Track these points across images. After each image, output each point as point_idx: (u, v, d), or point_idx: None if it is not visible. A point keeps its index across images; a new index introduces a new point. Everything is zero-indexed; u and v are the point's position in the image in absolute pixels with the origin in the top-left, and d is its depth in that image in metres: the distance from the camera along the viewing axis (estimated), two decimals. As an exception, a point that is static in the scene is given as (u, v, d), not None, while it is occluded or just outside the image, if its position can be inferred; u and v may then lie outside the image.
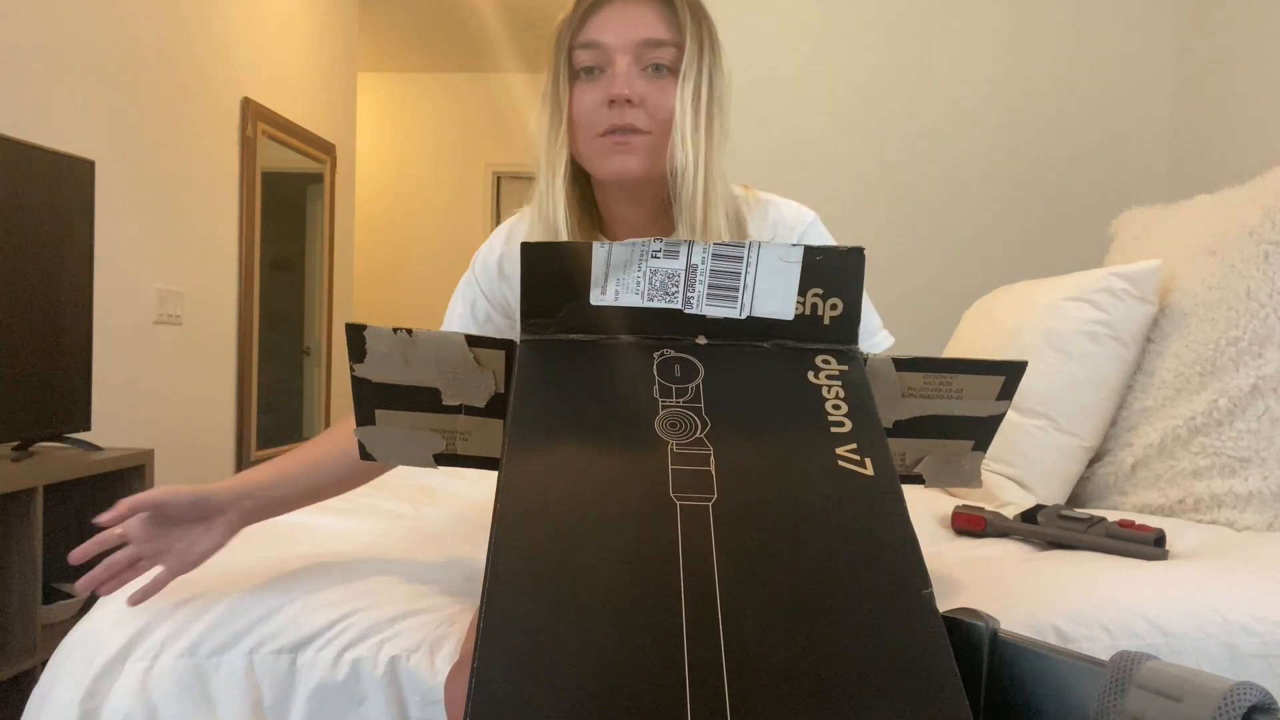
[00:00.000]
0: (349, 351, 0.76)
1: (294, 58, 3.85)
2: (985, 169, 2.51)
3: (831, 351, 0.73)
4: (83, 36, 2.53)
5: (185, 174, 3.05)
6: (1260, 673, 0.87)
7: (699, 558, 0.56)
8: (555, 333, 0.73)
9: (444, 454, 0.84)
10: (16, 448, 2.14)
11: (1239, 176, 1.54)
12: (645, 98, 0.97)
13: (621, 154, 0.98)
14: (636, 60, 0.98)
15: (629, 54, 0.98)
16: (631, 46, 0.98)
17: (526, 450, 0.62)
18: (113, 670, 0.82)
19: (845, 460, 0.63)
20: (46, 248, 2.13)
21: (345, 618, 0.83)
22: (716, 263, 0.73)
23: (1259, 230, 1.32)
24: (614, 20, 0.99)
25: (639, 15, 0.99)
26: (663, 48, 0.98)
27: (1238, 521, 1.23)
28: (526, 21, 4.95)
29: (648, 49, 0.98)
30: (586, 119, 0.99)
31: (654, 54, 0.98)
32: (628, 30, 0.98)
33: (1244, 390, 1.26)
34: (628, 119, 0.96)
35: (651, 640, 0.52)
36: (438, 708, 0.80)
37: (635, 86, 0.97)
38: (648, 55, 0.98)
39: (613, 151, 0.98)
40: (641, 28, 0.98)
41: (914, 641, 0.52)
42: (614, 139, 0.97)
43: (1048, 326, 1.47)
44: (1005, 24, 2.49)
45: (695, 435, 0.64)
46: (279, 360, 3.87)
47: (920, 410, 0.82)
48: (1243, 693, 0.47)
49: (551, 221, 1.00)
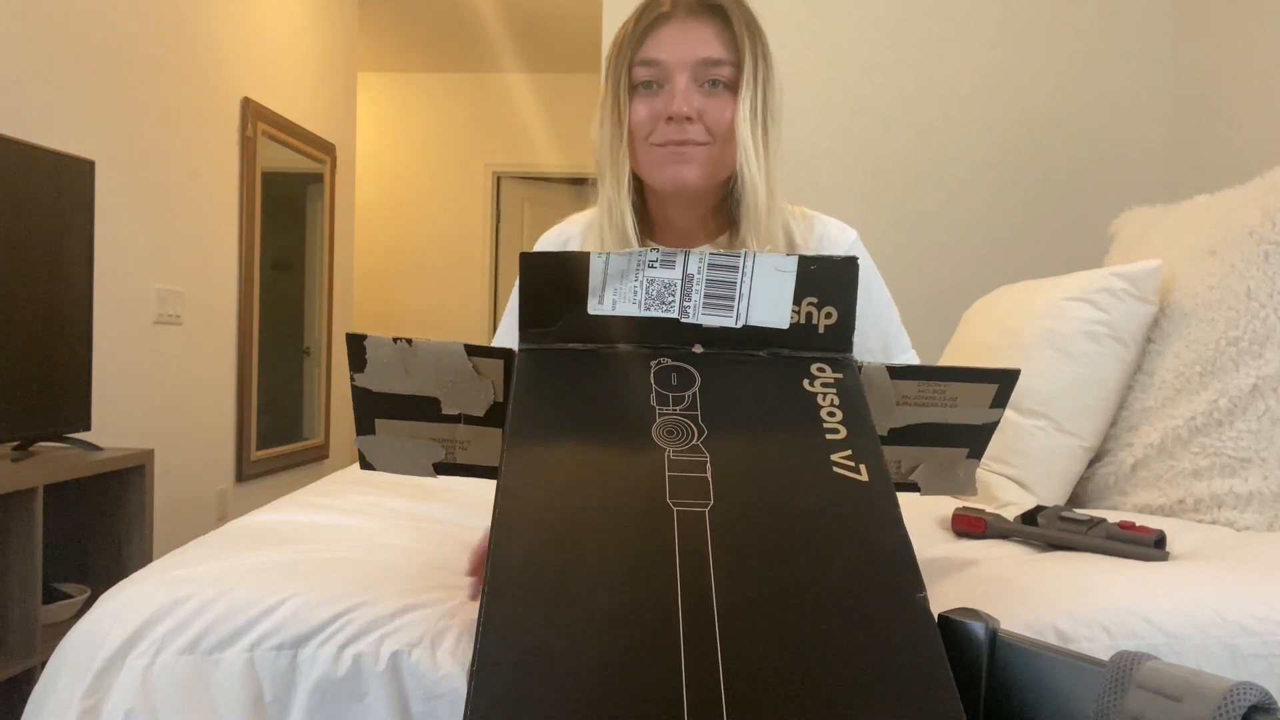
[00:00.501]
0: (349, 361, 0.77)
1: (294, 58, 3.85)
2: (985, 169, 2.51)
3: (826, 360, 0.73)
4: (83, 37, 2.53)
5: (185, 174, 3.06)
6: (1260, 673, 0.87)
7: (696, 563, 0.56)
8: (553, 342, 0.73)
9: (443, 463, 0.84)
10: (16, 448, 2.14)
11: (1239, 176, 1.54)
12: (703, 113, 1.02)
13: (677, 164, 1.03)
14: (695, 78, 1.03)
15: (687, 71, 1.02)
16: (690, 65, 1.02)
17: (525, 458, 0.63)
18: (113, 667, 0.82)
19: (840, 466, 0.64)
20: (46, 248, 2.13)
21: (346, 613, 0.84)
22: (712, 272, 0.74)
23: (1259, 230, 1.32)
24: (673, 38, 1.03)
25: (698, 34, 1.03)
26: (720, 66, 1.03)
27: (1238, 522, 1.24)
28: (526, 21, 4.94)
29: (705, 67, 1.03)
30: (643, 130, 1.04)
31: (711, 72, 1.03)
32: (687, 49, 1.02)
33: (1244, 390, 1.26)
34: (686, 134, 1.02)
35: (649, 644, 0.52)
36: (439, 702, 0.80)
37: (693, 103, 1.02)
38: (705, 73, 1.03)
39: (669, 160, 1.03)
40: (700, 46, 1.03)
41: (909, 645, 0.53)
42: (672, 149, 1.02)
43: (1048, 326, 1.47)
44: (1004, 23, 2.50)
45: (692, 442, 0.65)
46: (279, 360, 3.87)
47: (915, 418, 0.83)
48: (1243, 693, 0.47)
49: (622, 231, 1.06)
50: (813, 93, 2.55)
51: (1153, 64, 2.45)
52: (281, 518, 1.16)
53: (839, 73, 2.55)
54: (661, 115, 1.02)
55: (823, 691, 0.50)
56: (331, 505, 1.23)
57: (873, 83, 2.54)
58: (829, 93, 2.55)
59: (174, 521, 2.94)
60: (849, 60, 2.55)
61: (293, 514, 1.18)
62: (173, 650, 0.82)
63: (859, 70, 2.54)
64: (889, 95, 2.54)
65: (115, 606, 0.86)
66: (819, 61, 2.55)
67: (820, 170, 2.55)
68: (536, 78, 5.82)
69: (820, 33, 2.55)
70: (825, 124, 2.55)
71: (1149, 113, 2.46)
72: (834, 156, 2.55)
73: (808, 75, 2.55)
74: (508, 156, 5.91)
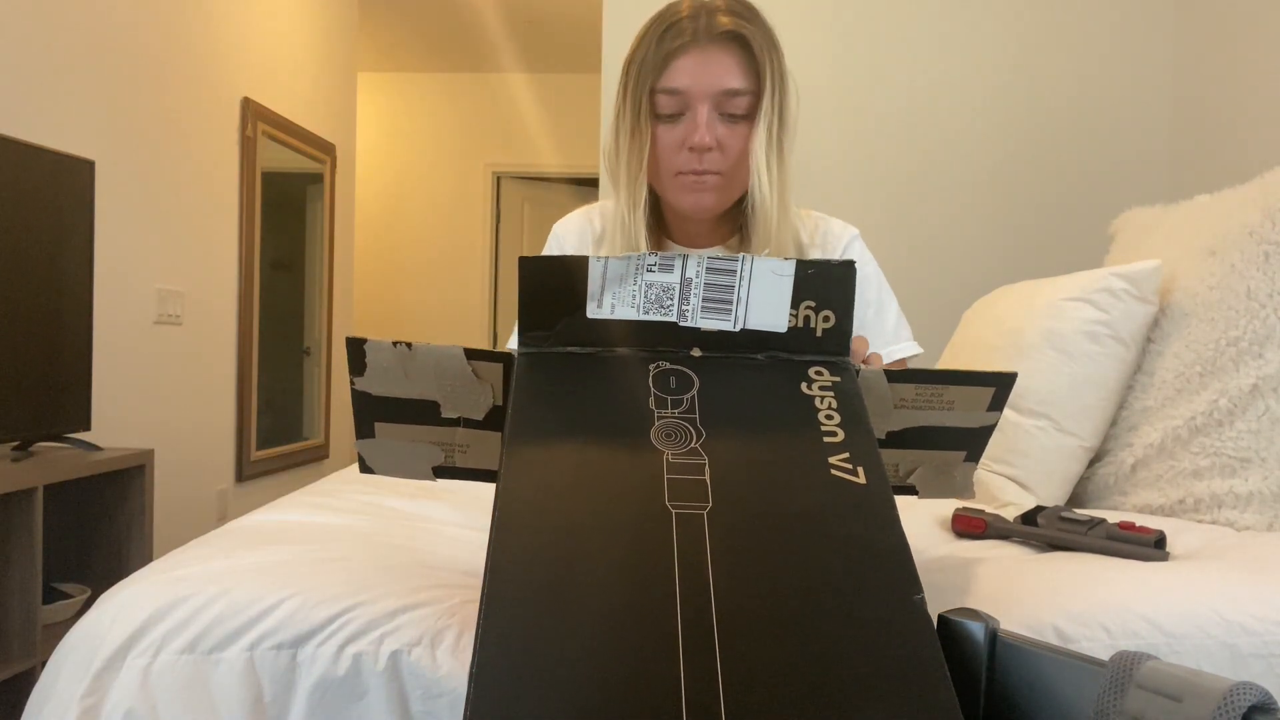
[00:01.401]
0: (349, 365, 0.77)
1: (294, 58, 3.85)
2: (985, 169, 2.51)
3: (824, 363, 0.74)
4: (83, 37, 2.53)
5: (185, 174, 3.06)
6: (1260, 673, 0.87)
7: (694, 565, 0.57)
8: (552, 345, 0.74)
9: (443, 466, 0.85)
10: (16, 448, 2.14)
11: (1239, 176, 1.54)
12: (722, 142, 1.05)
13: (697, 192, 1.08)
14: (716, 108, 1.05)
15: (709, 102, 1.04)
16: (711, 95, 1.04)
17: (524, 461, 0.63)
18: (113, 667, 0.82)
19: (838, 469, 0.64)
20: (46, 248, 2.13)
21: (345, 612, 0.84)
22: (711, 276, 0.74)
23: (1259, 230, 1.32)
24: (696, 67, 1.04)
25: (720, 62, 1.04)
26: (741, 96, 1.05)
27: (1238, 522, 1.24)
28: (526, 21, 4.95)
29: (727, 98, 1.05)
30: (665, 158, 1.07)
31: (732, 103, 1.05)
32: (709, 79, 1.04)
33: (1244, 390, 1.26)
34: (706, 164, 1.05)
35: (648, 647, 0.52)
36: (439, 701, 0.80)
37: (714, 133, 1.05)
38: (727, 104, 1.05)
39: (690, 189, 1.08)
40: (722, 77, 1.04)
41: (906, 647, 0.53)
42: (691, 179, 1.06)
43: (1048, 326, 1.47)
44: (1005, 24, 2.50)
45: (690, 445, 0.65)
46: (279, 360, 3.87)
47: (912, 421, 0.83)
48: (1243, 693, 0.47)
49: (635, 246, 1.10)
50: (813, 94, 2.55)
51: (1153, 64, 2.45)
52: (281, 518, 1.16)
53: (839, 74, 2.55)
54: (683, 145, 1.05)
55: (821, 694, 0.50)
56: (331, 505, 1.23)
57: (872, 83, 2.54)
58: (829, 93, 2.55)
59: (174, 521, 2.95)
60: (849, 61, 2.55)
61: (293, 514, 1.18)
62: (173, 650, 0.82)
63: (859, 71, 2.54)
64: (888, 95, 2.54)
65: (115, 606, 0.86)
66: (819, 61, 2.55)
67: (820, 170, 2.55)
68: (536, 78, 5.82)
69: (821, 33, 2.55)
70: (825, 124, 2.55)
71: (1149, 113, 2.46)
72: (833, 156, 2.55)
73: (809, 77, 2.55)
74: (508, 156, 5.91)
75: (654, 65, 1.05)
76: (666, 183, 1.09)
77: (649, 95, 1.06)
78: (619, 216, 1.11)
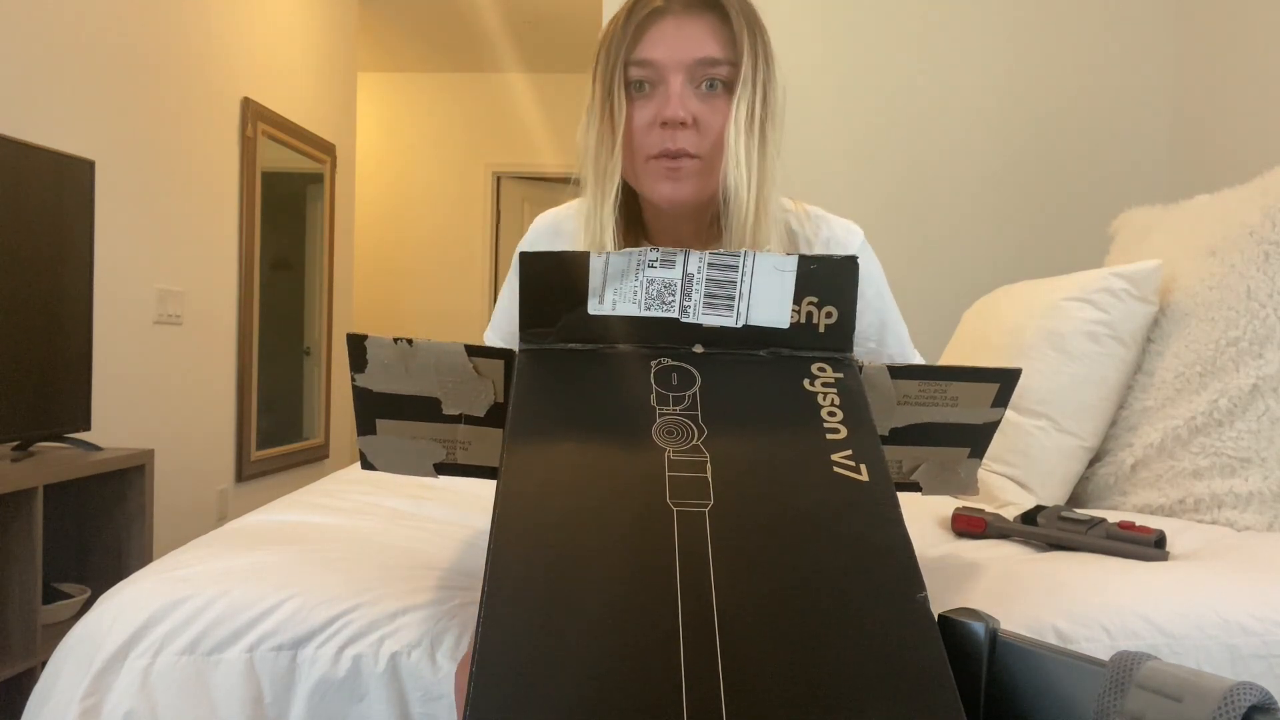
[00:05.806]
0: (350, 362, 0.77)
1: (294, 58, 3.85)
2: (985, 169, 2.51)
3: (827, 359, 0.73)
4: (83, 36, 2.53)
5: (185, 174, 3.05)
6: (1260, 673, 0.87)
7: (696, 563, 0.56)
8: (554, 342, 0.73)
9: (444, 463, 0.84)
10: (16, 448, 2.14)
11: (1239, 176, 1.54)
12: (698, 118, 0.95)
13: (672, 180, 0.96)
14: (690, 79, 0.96)
15: (682, 73, 0.95)
16: (685, 65, 0.95)
17: (525, 458, 0.63)
18: (113, 667, 0.82)
19: (840, 466, 0.63)
20: (46, 248, 2.13)
21: (345, 614, 0.84)
22: (713, 272, 0.74)
23: (1259, 230, 1.32)
24: (668, 36, 0.96)
25: (694, 31, 0.96)
26: (718, 65, 0.96)
27: (1238, 522, 1.24)
28: (526, 21, 4.94)
29: (702, 67, 0.95)
30: (637, 139, 0.97)
31: (708, 72, 0.96)
32: (682, 48, 0.95)
33: (1244, 390, 1.26)
34: (679, 143, 0.95)
35: (648, 645, 0.52)
36: (439, 703, 0.80)
37: (689, 107, 0.95)
38: (701, 73, 0.96)
39: (664, 177, 0.97)
40: (697, 46, 0.95)
41: (909, 645, 0.53)
42: (665, 164, 0.96)
43: (1048, 326, 1.47)
44: (1005, 24, 2.50)
45: (692, 442, 0.65)
46: (279, 360, 3.87)
47: (916, 418, 0.82)
48: (1242, 693, 0.47)
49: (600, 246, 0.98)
50: (813, 93, 2.55)
51: (1154, 64, 2.45)
52: (281, 518, 1.16)
53: (839, 74, 2.55)
54: (655, 121, 0.96)
55: (823, 691, 0.50)
56: (331, 505, 1.23)
57: (872, 83, 2.54)
58: (829, 92, 2.55)
59: (174, 521, 2.94)
60: (849, 62, 2.55)
61: (293, 514, 1.18)
62: (172, 650, 0.82)
63: (858, 71, 2.54)
64: (889, 97, 2.54)
65: (115, 606, 0.86)
66: (819, 61, 2.55)
67: (819, 169, 2.55)
68: (536, 78, 5.82)
69: (821, 33, 2.55)
70: (825, 123, 2.55)
71: (1149, 113, 2.46)
72: (833, 156, 2.55)
73: (809, 78, 2.55)
74: (508, 156, 5.91)
75: (624, 37, 0.96)
76: (640, 170, 0.98)
77: (621, 70, 0.97)
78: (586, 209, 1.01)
